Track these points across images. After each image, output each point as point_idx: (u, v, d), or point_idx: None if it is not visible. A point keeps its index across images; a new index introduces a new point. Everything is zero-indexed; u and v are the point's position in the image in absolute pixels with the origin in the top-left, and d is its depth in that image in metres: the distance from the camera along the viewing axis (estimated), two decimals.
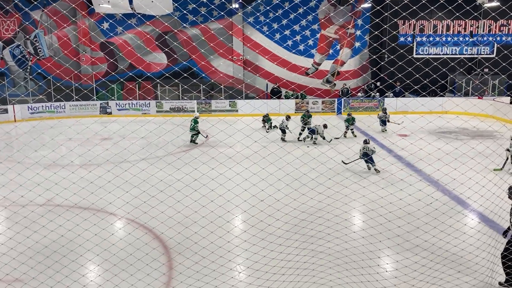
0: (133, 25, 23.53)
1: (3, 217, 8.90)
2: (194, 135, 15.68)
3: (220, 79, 23.69)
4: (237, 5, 23.51)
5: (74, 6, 22.85)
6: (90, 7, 22.14)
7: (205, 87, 22.97)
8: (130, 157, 11.56)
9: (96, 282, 6.24)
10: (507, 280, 5.88)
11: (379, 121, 17.87)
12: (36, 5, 22.54)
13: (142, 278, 6.07)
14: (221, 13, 23.15)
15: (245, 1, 23.17)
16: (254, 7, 23.62)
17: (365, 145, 12.07)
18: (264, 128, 18.30)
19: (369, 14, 23.81)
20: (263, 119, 18.41)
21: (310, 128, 15.60)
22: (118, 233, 7.89)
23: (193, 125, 15.56)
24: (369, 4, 23.73)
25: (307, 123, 15.92)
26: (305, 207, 7.60)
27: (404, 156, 13.01)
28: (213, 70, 24.20)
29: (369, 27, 23.94)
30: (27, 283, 6.09)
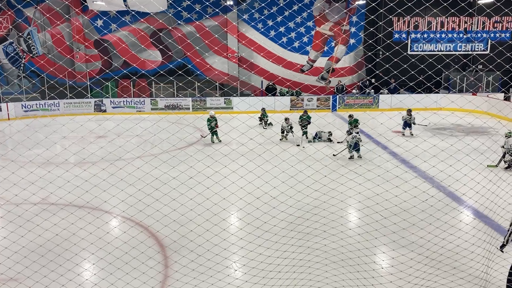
0: (127, 22, 23.38)
1: None
2: (214, 133, 15.50)
3: (215, 76, 23.62)
4: (231, 2, 23.43)
5: (68, 3, 22.66)
6: (83, 4, 21.98)
7: (200, 84, 22.90)
8: (125, 155, 11.52)
9: (92, 281, 6.22)
10: None
11: (402, 123, 15.80)
12: (29, 2, 22.33)
13: (138, 276, 6.05)
14: (216, 10, 23.08)
15: None
16: (249, 4, 23.55)
17: (355, 134, 12.62)
18: (261, 125, 18.33)
19: (364, 11, 23.82)
20: (260, 116, 18.39)
21: (304, 131, 15.47)
22: (114, 232, 7.87)
23: (209, 124, 15.38)
24: (363, 1, 23.75)
25: (305, 126, 15.48)
26: (301, 204, 7.61)
27: (400, 153, 13.06)
28: (208, 67, 24.13)
29: (364, 24, 23.96)
30: (22, 282, 6.06)
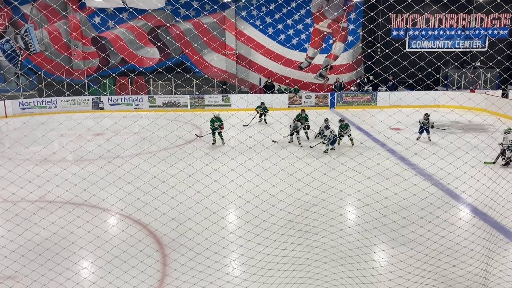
0: (125, 19, 23.28)
1: None
2: (217, 134, 14.62)
3: (213, 73, 23.56)
4: None
5: (65, 0, 22.56)
6: (81, 1, 21.88)
7: (198, 82, 22.84)
8: (123, 153, 11.47)
9: (90, 280, 6.19)
10: None
11: (419, 127, 14.91)
12: None
13: (137, 275, 6.02)
14: (214, 7, 22.99)
15: None
16: (247, 1, 23.47)
17: (332, 129, 13.14)
18: (261, 121, 18.47)
19: (363, 8, 23.76)
20: (261, 112, 18.39)
21: (305, 131, 15.36)
22: (112, 230, 7.83)
23: (212, 125, 14.57)
24: None
25: (306, 126, 15.13)
26: (300, 202, 7.58)
27: (399, 151, 13.04)
28: (206, 64, 24.05)
29: (362, 21, 23.91)
30: (20, 281, 6.03)
